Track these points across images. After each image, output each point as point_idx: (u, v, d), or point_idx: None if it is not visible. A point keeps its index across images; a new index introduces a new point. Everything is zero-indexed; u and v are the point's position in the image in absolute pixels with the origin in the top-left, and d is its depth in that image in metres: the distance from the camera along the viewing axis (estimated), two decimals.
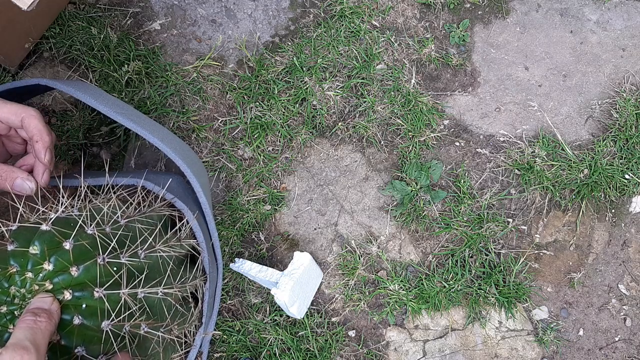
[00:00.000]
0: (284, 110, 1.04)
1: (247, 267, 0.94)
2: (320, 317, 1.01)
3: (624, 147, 1.08)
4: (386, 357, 1.01)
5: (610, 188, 1.07)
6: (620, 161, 1.08)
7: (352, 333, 1.02)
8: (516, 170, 1.07)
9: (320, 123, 1.05)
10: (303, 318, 0.98)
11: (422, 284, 1.02)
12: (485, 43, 1.12)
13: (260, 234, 1.02)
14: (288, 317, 0.99)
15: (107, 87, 0.98)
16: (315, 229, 1.04)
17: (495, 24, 1.13)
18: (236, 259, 0.95)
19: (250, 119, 1.03)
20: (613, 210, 1.09)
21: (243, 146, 1.03)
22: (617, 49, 1.14)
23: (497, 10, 1.14)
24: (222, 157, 1.02)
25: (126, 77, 0.98)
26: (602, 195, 1.08)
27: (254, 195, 1.02)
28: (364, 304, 1.02)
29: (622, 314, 1.07)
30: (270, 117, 1.03)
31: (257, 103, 1.04)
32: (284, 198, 1.04)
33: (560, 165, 1.07)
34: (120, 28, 1.03)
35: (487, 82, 1.11)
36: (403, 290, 1.02)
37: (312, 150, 1.06)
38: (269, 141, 1.04)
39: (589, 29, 1.14)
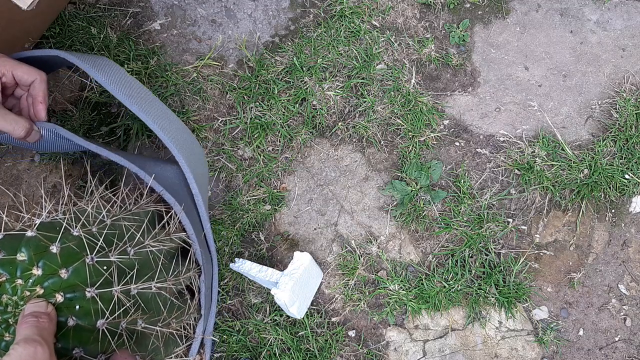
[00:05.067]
0: (284, 110, 1.04)
1: (247, 267, 0.94)
2: (320, 317, 1.01)
3: (624, 147, 1.08)
4: (386, 357, 1.01)
5: (610, 188, 1.07)
6: (620, 161, 1.08)
7: (352, 333, 1.02)
8: (516, 170, 1.07)
9: (320, 123, 1.05)
10: (303, 318, 0.98)
11: (422, 284, 1.02)
12: (485, 43, 1.12)
13: (260, 234, 1.02)
14: (288, 317, 0.99)
15: None
16: (315, 229, 1.04)
17: (495, 24, 1.13)
18: (236, 259, 0.95)
19: (250, 119, 1.03)
20: (613, 210, 1.09)
21: (243, 146, 1.03)
22: (617, 49, 1.14)
23: (497, 10, 1.14)
24: (222, 157, 1.02)
25: None
26: (602, 195, 1.08)
27: (254, 195, 1.02)
28: (364, 304, 1.02)
29: (622, 314, 1.07)
30: (270, 117, 1.03)
31: (257, 103, 1.04)
32: (284, 198, 1.04)
33: (560, 165, 1.07)
34: (120, 28, 1.03)
35: (487, 82, 1.11)
36: (403, 290, 1.02)
37: (312, 150, 1.06)
38: (269, 141, 1.04)
39: (589, 29, 1.14)
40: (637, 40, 1.14)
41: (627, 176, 1.07)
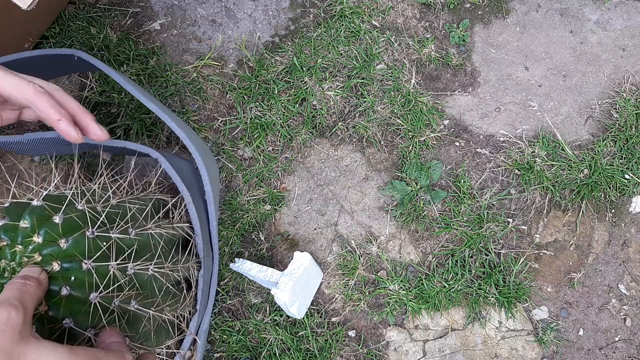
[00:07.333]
0: (284, 110, 1.04)
1: (247, 267, 0.94)
2: (320, 317, 1.01)
3: (624, 147, 1.08)
4: (386, 357, 1.01)
5: (610, 188, 1.07)
6: (620, 161, 1.08)
7: (352, 333, 1.02)
8: (516, 170, 1.07)
9: (320, 123, 1.05)
10: (303, 318, 0.98)
11: (422, 284, 1.02)
12: (485, 43, 1.12)
13: (260, 234, 1.02)
14: (288, 317, 0.99)
15: (107, 87, 0.98)
16: (315, 229, 1.04)
17: (495, 24, 1.13)
18: (236, 259, 0.95)
19: (250, 119, 1.03)
20: (613, 210, 1.09)
21: (243, 146, 1.03)
22: (617, 49, 1.14)
23: (497, 10, 1.14)
24: (222, 157, 1.02)
25: None
26: (602, 195, 1.08)
27: (254, 195, 1.02)
28: (364, 304, 1.02)
29: (622, 314, 1.07)
30: (270, 117, 1.03)
31: (257, 103, 1.04)
32: (284, 198, 1.04)
33: (560, 165, 1.07)
34: (120, 28, 1.03)
35: (487, 82, 1.11)
36: (403, 290, 1.02)
37: (312, 150, 1.06)
38: (269, 141, 1.04)
39: (589, 29, 1.14)
40: (637, 40, 1.14)
41: (627, 176, 1.07)
